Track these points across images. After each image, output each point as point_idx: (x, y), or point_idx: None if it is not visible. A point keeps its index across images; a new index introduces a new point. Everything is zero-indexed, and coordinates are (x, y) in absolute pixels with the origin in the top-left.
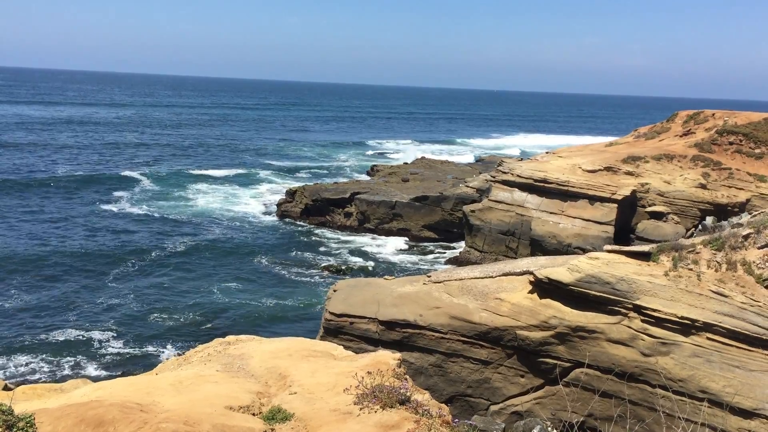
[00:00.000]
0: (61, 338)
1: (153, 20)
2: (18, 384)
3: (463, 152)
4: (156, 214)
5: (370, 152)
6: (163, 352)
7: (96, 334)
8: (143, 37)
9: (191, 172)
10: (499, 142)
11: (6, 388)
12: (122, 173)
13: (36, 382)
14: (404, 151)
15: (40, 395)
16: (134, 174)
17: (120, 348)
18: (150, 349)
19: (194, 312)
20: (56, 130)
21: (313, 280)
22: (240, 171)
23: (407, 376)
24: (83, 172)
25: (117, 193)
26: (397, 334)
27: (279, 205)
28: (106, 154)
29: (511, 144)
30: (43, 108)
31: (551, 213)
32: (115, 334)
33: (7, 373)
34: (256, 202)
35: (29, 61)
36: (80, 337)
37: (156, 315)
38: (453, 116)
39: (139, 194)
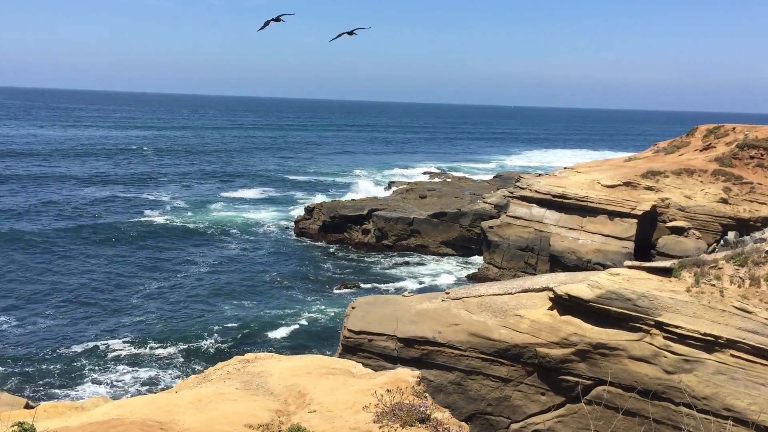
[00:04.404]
0: (82, 356)
1: (170, 40)
2: (40, 401)
3: (480, 168)
4: (175, 233)
5: (388, 169)
6: (182, 370)
7: (116, 353)
8: (161, 57)
9: (209, 191)
10: (517, 157)
11: (28, 406)
12: (141, 193)
13: (57, 399)
14: (421, 167)
15: (61, 413)
16: (153, 194)
17: (140, 366)
18: (169, 367)
19: (213, 330)
20: (74, 153)
21: (331, 298)
22: (258, 189)
23: (427, 394)
24: (108, 192)
25: (135, 213)
26: (415, 352)
27: (297, 222)
28: (126, 174)
29: (529, 159)
30: (63, 130)
31: (570, 229)
32: (134, 352)
33: (29, 392)
34: (274, 219)
35: (50, 82)
36: (100, 356)
37: (175, 333)
38: (470, 132)
39: (157, 213)
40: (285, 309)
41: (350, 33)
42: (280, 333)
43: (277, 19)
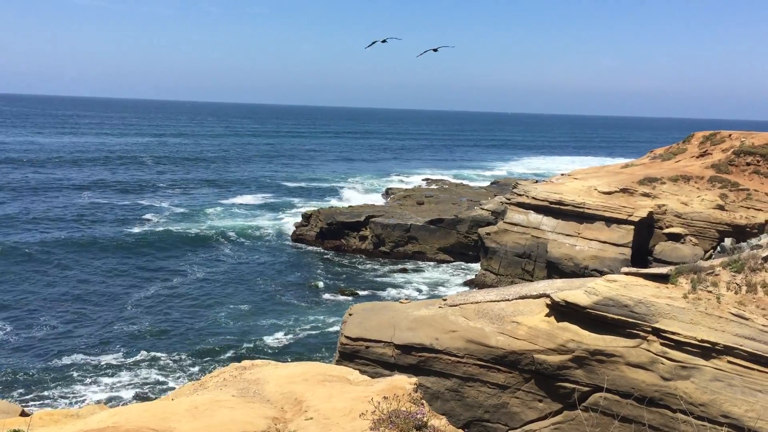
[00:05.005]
0: (77, 364)
1: (169, 47)
2: (35, 409)
3: (478, 175)
4: (172, 239)
5: (385, 176)
6: (178, 377)
7: (112, 360)
8: (160, 64)
9: (207, 197)
10: (515, 164)
11: (23, 414)
12: (139, 200)
13: (53, 404)
14: (419, 173)
15: (57, 421)
16: (150, 201)
17: (136, 373)
18: (166, 374)
19: (210, 337)
20: (71, 161)
21: (328, 304)
22: (255, 195)
23: (424, 401)
24: (105, 200)
25: (133, 220)
26: (413, 358)
27: (294, 228)
28: (123, 181)
29: (527, 166)
30: (60, 138)
31: (567, 235)
32: (130, 360)
33: (25, 399)
34: (272, 225)
35: (48, 89)
36: (96, 363)
37: (172, 340)
38: (468, 138)
39: (154, 220)
40: (282, 316)
41: (435, 50)
42: (277, 340)
43: (384, 41)
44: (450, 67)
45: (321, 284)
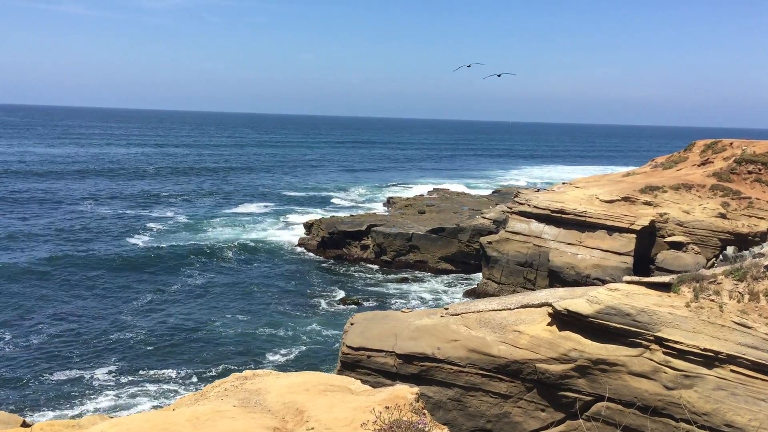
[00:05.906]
0: (78, 375)
1: (171, 57)
2: (36, 420)
3: (479, 183)
4: (174, 249)
5: (386, 185)
6: (179, 387)
7: (113, 371)
8: (162, 74)
9: (210, 207)
10: (516, 173)
11: (24, 425)
12: (142, 210)
13: (55, 412)
14: (420, 182)
15: None
16: (153, 211)
17: (137, 384)
18: (167, 384)
19: (211, 347)
20: (73, 171)
21: (329, 313)
22: (257, 205)
23: (425, 411)
24: (108, 210)
25: (135, 230)
26: (414, 368)
27: (296, 237)
28: (126, 191)
29: (528, 175)
30: (62, 148)
31: (569, 244)
32: (131, 370)
33: (26, 410)
34: (274, 234)
35: (49, 99)
36: (97, 373)
37: (173, 350)
38: (469, 147)
39: (156, 229)
40: (283, 325)
41: (498, 75)
42: (278, 350)
43: (468, 66)
44: (450, 76)
45: (322, 293)
